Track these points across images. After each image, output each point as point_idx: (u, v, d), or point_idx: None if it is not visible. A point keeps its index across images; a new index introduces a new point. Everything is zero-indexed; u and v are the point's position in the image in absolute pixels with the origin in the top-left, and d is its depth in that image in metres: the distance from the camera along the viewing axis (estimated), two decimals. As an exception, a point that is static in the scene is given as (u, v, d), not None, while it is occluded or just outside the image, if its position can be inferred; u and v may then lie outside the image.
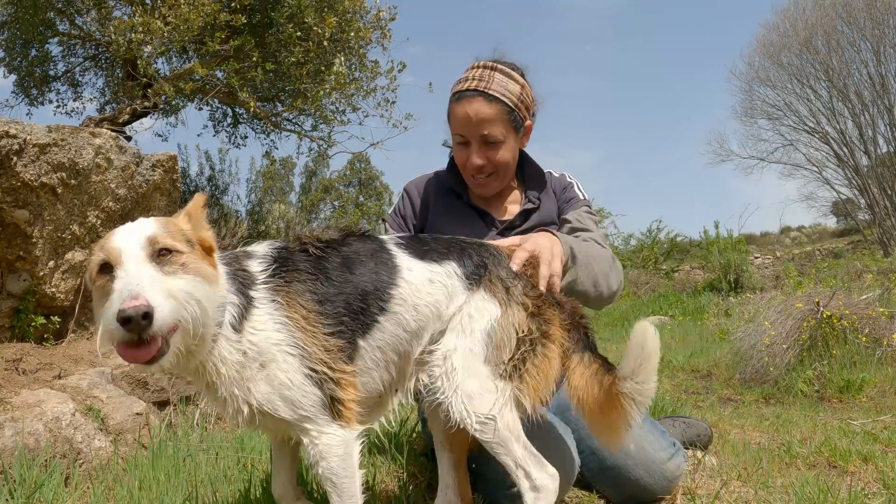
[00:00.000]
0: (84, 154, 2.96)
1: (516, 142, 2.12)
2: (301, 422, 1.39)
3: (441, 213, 2.22)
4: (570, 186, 2.27)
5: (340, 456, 1.40)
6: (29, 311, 2.94)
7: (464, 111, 2.03)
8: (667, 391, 4.20)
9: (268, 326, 1.40)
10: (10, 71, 8.88)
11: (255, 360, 1.38)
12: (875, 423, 3.12)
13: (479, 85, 2.03)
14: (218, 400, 1.41)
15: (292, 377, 1.38)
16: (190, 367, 1.38)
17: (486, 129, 2.02)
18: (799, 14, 18.56)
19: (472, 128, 2.03)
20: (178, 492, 2.05)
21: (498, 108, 2.02)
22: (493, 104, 2.01)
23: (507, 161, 2.09)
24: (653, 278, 14.74)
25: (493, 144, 2.05)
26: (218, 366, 1.37)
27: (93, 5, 7.79)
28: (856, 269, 10.38)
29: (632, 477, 1.92)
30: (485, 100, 2.01)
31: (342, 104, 8.49)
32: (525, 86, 2.09)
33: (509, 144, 2.08)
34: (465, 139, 2.07)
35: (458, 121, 2.06)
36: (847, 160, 18.47)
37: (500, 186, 2.18)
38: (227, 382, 1.38)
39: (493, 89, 2.02)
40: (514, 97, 2.04)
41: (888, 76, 17.49)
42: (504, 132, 2.04)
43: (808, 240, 25.75)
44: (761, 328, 4.56)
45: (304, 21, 7.10)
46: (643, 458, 1.92)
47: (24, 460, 2.07)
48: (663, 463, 1.94)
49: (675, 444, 2.02)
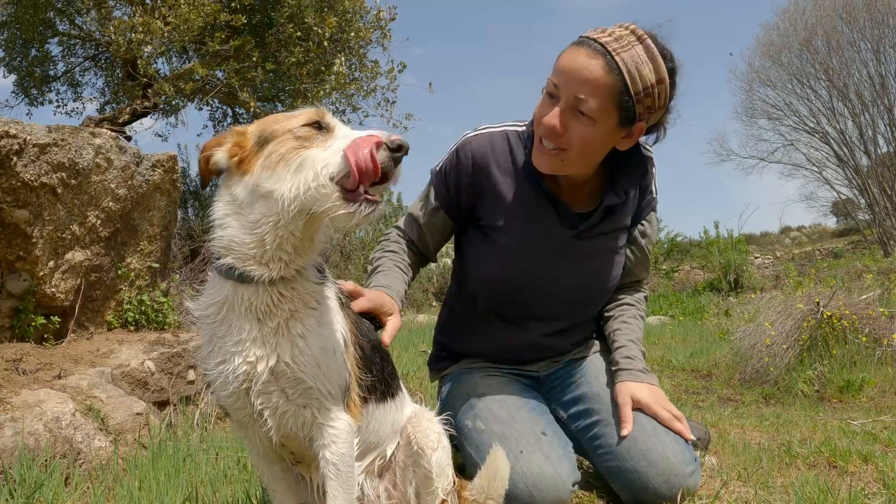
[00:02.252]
0: (84, 154, 2.96)
1: (615, 135, 1.71)
2: (324, 399, 1.35)
3: (503, 192, 1.86)
4: (650, 182, 1.96)
5: (350, 443, 1.39)
6: (29, 311, 2.94)
7: (570, 59, 1.64)
8: (667, 391, 4.17)
9: (336, 303, 1.42)
10: (10, 71, 8.89)
11: (319, 314, 1.36)
12: (875, 423, 3.12)
13: (609, 42, 1.62)
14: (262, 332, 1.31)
15: (337, 351, 1.37)
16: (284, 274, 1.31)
17: (584, 92, 1.61)
18: (799, 14, 18.58)
19: (569, 81, 1.63)
20: (178, 492, 2.05)
21: (612, 80, 1.60)
22: (610, 72, 1.60)
23: (585, 144, 1.68)
24: (653, 278, 14.75)
25: (582, 116, 1.64)
26: (301, 289, 1.33)
27: (93, 5, 7.80)
28: (856, 269, 10.38)
29: (650, 485, 1.79)
30: (604, 61, 1.60)
31: (342, 104, 8.50)
32: (664, 81, 1.65)
33: (601, 129, 1.66)
34: (556, 92, 1.67)
35: (559, 66, 1.67)
36: (847, 160, 18.48)
37: (565, 172, 1.78)
38: (290, 314, 1.32)
39: (622, 57, 1.60)
40: (640, 83, 1.61)
41: (888, 76, 17.51)
42: (602, 111, 1.63)
43: (808, 240, 25.76)
44: (761, 328, 4.56)
45: (304, 21, 7.11)
46: (665, 469, 1.79)
47: (24, 460, 2.07)
48: (685, 477, 1.80)
49: (696, 459, 1.89)
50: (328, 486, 1.37)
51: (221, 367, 1.34)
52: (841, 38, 17.79)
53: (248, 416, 1.38)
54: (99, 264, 3.23)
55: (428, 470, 1.56)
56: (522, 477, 1.73)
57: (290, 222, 1.26)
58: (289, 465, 1.53)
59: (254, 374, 1.32)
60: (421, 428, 1.61)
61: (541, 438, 1.84)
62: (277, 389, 1.33)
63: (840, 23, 17.71)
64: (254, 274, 1.29)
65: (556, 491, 1.74)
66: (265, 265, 1.30)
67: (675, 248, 15.74)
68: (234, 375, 1.32)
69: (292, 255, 1.31)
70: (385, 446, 1.61)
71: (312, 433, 1.37)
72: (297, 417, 1.36)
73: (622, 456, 1.85)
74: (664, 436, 1.86)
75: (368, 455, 1.58)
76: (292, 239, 1.29)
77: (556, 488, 1.74)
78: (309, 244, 1.32)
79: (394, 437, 1.63)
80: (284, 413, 1.35)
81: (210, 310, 1.35)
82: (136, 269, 3.49)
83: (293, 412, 1.35)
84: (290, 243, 1.29)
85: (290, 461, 1.52)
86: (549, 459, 1.78)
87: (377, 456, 1.60)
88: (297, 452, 1.48)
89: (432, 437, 1.59)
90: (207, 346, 1.38)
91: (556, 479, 1.75)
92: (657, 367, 5.27)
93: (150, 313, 3.49)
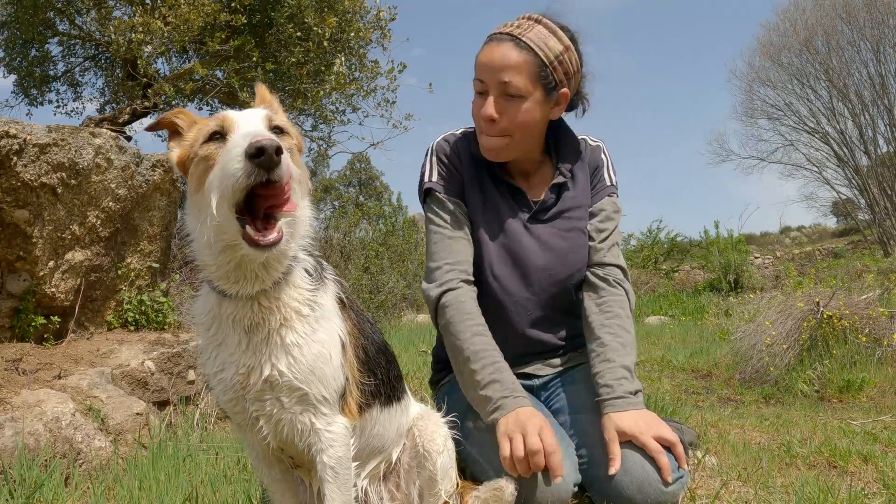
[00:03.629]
0: (84, 154, 2.97)
1: (545, 105, 1.86)
2: (320, 404, 1.33)
3: (472, 186, 1.97)
4: (601, 167, 2.05)
5: (347, 446, 1.37)
6: (29, 311, 2.94)
7: (487, 54, 1.82)
8: (667, 391, 4.20)
9: (334, 306, 1.39)
10: (10, 71, 8.89)
11: (313, 320, 1.33)
12: (875, 423, 3.12)
13: (513, 30, 1.81)
14: (251, 343, 1.29)
15: (334, 356, 1.35)
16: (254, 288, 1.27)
17: (507, 75, 1.77)
18: (799, 14, 18.57)
19: (492, 72, 1.80)
20: (178, 492, 2.05)
21: (527, 57, 1.78)
22: (522, 51, 1.78)
23: (526, 122, 1.83)
24: (653, 278, 14.76)
25: (513, 98, 1.80)
26: (286, 299, 1.29)
27: (93, 5, 7.80)
28: (856, 269, 10.39)
29: (624, 495, 1.69)
30: (514, 44, 1.78)
31: (342, 104, 8.51)
32: (570, 49, 1.83)
33: (533, 103, 1.82)
34: (485, 87, 1.83)
35: (480, 64, 1.83)
36: (847, 160, 18.48)
37: (515, 154, 1.92)
38: (278, 324, 1.29)
39: (528, 37, 1.79)
40: (551, 53, 1.79)
41: (888, 76, 17.50)
42: (529, 86, 1.79)
43: (808, 240, 25.76)
44: (761, 328, 4.56)
45: (304, 21, 7.11)
46: (641, 478, 1.68)
47: (24, 460, 2.07)
48: (660, 485, 1.67)
49: (679, 469, 1.75)
50: (325, 488, 1.36)
51: (219, 374, 1.34)
52: (841, 38, 17.78)
53: (245, 421, 1.38)
54: (99, 264, 3.23)
55: (433, 472, 1.56)
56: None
57: (226, 251, 1.22)
58: (289, 467, 1.52)
59: (247, 384, 1.31)
60: (427, 431, 1.60)
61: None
62: (272, 397, 1.32)
63: (840, 23, 17.70)
64: (229, 291, 1.27)
65: (557, 490, 1.73)
66: (236, 283, 1.27)
67: (675, 248, 15.74)
68: (230, 384, 1.32)
69: (259, 271, 1.26)
70: (390, 450, 1.60)
71: (310, 440, 1.35)
72: (293, 425, 1.34)
73: (601, 464, 1.76)
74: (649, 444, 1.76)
75: (373, 460, 1.57)
76: (246, 260, 1.24)
77: (558, 488, 1.72)
78: (272, 258, 1.25)
79: (399, 441, 1.62)
80: (280, 421, 1.34)
81: (204, 319, 1.35)
82: (136, 269, 3.49)
83: (289, 420, 1.34)
84: (247, 265, 1.25)
85: (290, 465, 1.52)
86: None
87: (382, 460, 1.60)
88: (296, 457, 1.48)
89: (438, 441, 1.59)
90: (205, 354, 1.38)
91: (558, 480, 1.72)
92: (657, 367, 5.27)
93: (150, 313, 3.49)
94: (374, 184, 24.77)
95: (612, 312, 1.91)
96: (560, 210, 1.98)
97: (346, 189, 24.92)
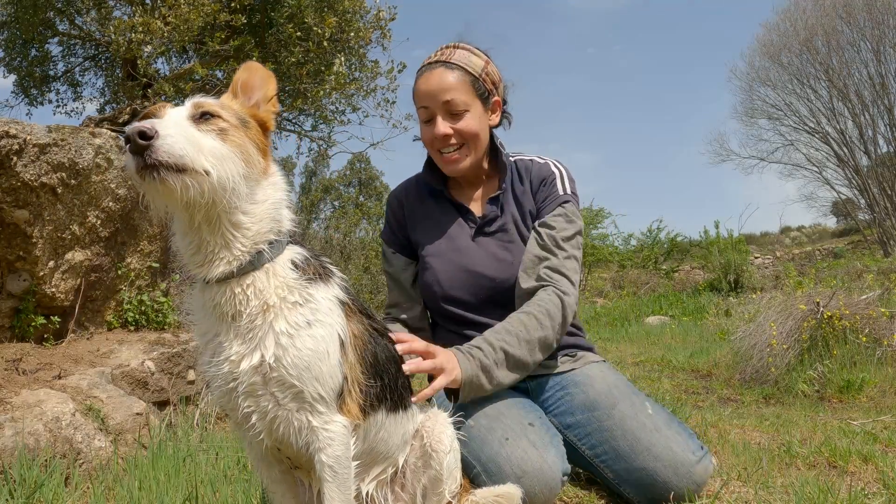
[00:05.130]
0: (84, 154, 2.97)
1: (484, 114, 2.09)
2: (316, 402, 1.32)
3: (423, 217, 2.20)
4: (550, 179, 2.14)
5: (346, 445, 1.36)
6: (29, 311, 2.94)
7: (425, 83, 2.03)
8: (667, 391, 4.20)
9: (333, 304, 1.38)
10: (10, 71, 8.89)
11: (307, 312, 1.33)
12: (875, 423, 3.12)
13: (440, 58, 2.04)
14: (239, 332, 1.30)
15: (332, 353, 1.34)
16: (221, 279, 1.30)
17: (448, 95, 1.99)
18: (799, 14, 18.58)
19: (434, 96, 2.01)
20: (178, 492, 2.05)
21: (460, 74, 2.01)
22: (454, 71, 2.01)
23: (474, 130, 2.05)
24: (653, 278, 14.76)
25: (457, 114, 2.02)
26: (260, 286, 1.30)
27: (93, 5, 7.80)
28: (856, 269, 10.38)
29: (659, 479, 1.85)
30: (445, 68, 2.01)
31: (342, 104, 8.52)
32: (489, 62, 2.09)
33: (475, 113, 2.04)
34: (430, 113, 2.04)
35: (420, 93, 2.04)
36: (847, 160, 18.48)
37: (474, 161, 2.11)
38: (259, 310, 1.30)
39: (454, 59, 2.03)
40: (477, 67, 2.04)
41: (888, 76, 17.50)
42: (468, 100, 2.02)
43: (808, 240, 25.77)
44: (761, 328, 4.56)
45: (304, 21, 7.11)
46: (672, 461, 1.85)
47: (24, 460, 2.07)
48: (692, 465, 1.86)
49: (703, 448, 1.94)
50: (325, 488, 1.35)
51: (211, 366, 1.34)
52: (841, 38, 17.79)
53: (239, 417, 1.37)
54: (99, 264, 3.23)
55: (438, 472, 1.57)
56: (508, 461, 1.77)
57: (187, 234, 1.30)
58: (288, 467, 1.52)
59: (238, 373, 1.30)
60: (435, 431, 1.61)
61: (527, 428, 1.87)
62: (266, 393, 1.31)
63: (840, 23, 17.70)
64: (199, 275, 1.31)
65: (542, 476, 1.76)
66: (202, 266, 1.30)
67: (675, 248, 15.73)
68: (220, 373, 1.32)
69: (219, 249, 1.29)
70: (396, 456, 1.60)
71: (308, 439, 1.34)
72: (290, 423, 1.33)
73: (628, 456, 1.88)
74: (666, 430, 1.90)
75: (379, 465, 1.57)
76: (195, 237, 1.29)
77: (543, 474, 1.76)
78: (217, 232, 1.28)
79: (405, 447, 1.61)
80: (275, 418, 1.33)
81: (196, 314, 1.37)
82: (136, 269, 3.49)
83: (285, 417, 1.33)
84: (197, 242, 1.30)
85: (289, 465, 1.51)
86: (535, 446, 1.81)
87: (389, 465, 1.60)
88: (293, 457, 1.46)
89: (445, 441, 1.60)
90: (200, 347, 1.39)
91: (542, 465, 1.77)
92: (657, 367, 5.28)
93: (149, 313, 3.49)
94: (374, 184, 24.79)
95: (526, 309, 1.95)
96: (502, 224, 2.12)
97: (346, 189, 24.94)
